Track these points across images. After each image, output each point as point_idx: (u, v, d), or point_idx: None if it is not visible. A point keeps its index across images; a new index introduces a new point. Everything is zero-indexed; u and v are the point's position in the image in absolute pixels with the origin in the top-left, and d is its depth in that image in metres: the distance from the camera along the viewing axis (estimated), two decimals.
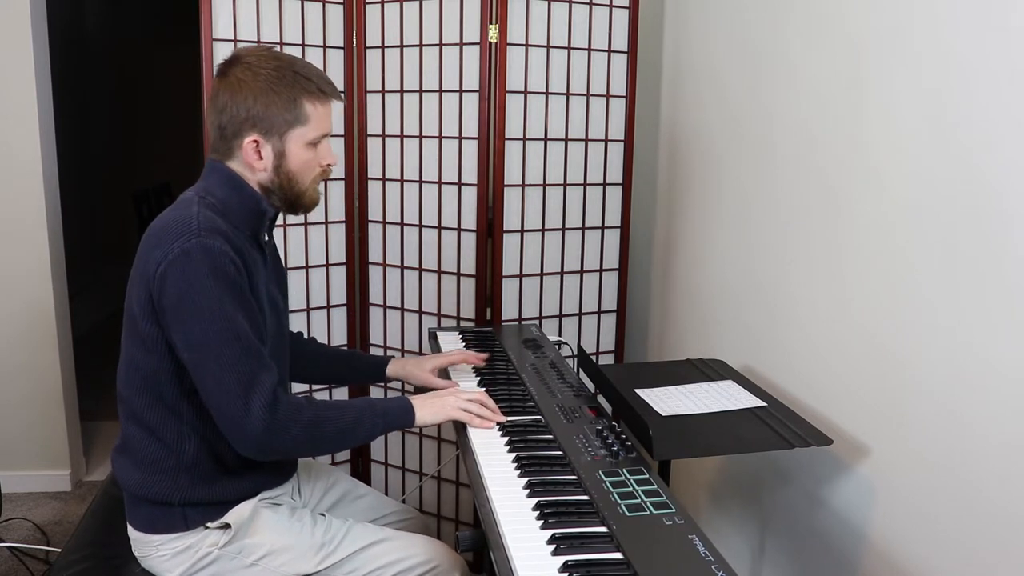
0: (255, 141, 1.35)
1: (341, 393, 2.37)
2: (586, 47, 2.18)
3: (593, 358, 2.31)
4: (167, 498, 1.35)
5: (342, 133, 2.25)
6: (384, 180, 2.28)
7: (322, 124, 1.38)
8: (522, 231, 2.21)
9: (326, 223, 2.27)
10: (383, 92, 2.23)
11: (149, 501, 1.37)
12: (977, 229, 1.18)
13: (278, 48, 2.10)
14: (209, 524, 1.38)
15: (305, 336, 1.75)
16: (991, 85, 1.15)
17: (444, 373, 1.69)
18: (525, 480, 1.22)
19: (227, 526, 1.37)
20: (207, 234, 1.25)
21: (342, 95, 1.41)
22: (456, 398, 1.43)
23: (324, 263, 2.29)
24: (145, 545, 1.39)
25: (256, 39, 2.08)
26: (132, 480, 1.37)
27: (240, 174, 1.38)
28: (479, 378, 1.67)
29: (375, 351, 2.38)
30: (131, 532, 1.41)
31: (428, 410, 1.41)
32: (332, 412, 1.33)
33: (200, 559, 1.37)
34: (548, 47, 2.13)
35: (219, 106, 1.35)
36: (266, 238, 1.45)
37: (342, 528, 1.45)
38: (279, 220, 2.17)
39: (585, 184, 2.26)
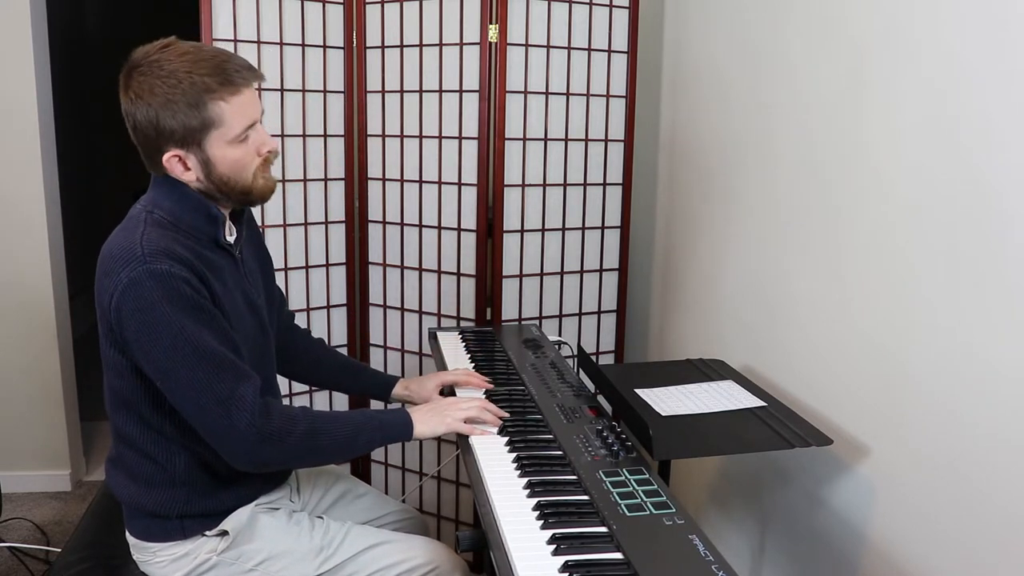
0: (176, 155, 1.25)
1: (341, 399, 2.37)
2: (586, 47, 2.18)
3: (593, 358, 2.31)
4: (164, 511, 1.34)
5: (342, 133, 2.25)
6: (384, 180, 2.28)
7: (242, 116, 1.25)
8: (522, 231, 2.21)
9: (326, 223, 2.27)
10: (383, 92, 2.23)
11: (146, 513, 1.36)
12: (977, 229, 1.18)
13: (276, 46, 2.10)
14: (207, 532, 1.37)
15: (311, 335, 1.73)
16: (991, 85, 1.15)
17: (451, 391, 1.66)
18: (525, 480, 1.22)
19: (225, 533, 1.37)
20: (153, 258, 1.18)
21: (260, 75, 1.27)
22: (454, 409, 1.41)
23: (324, 263, 2.29)
24: (143, 551, 1.39)
25: (256, 39, 2.08)
26: (127, 494, 1.36)
27: (184, 181, 1.30)
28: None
29: (375, 351, 2.38)
30: (129, 538, 1.41)
31: (427, 425, 1.39)
32: (329, 424, 1.31)
33: (198, 565, 1.37)
34: (548, 47, 2.13)
35: (130, 124, 1.26)
36: (232, 237, 1.37)
37: (341, 531, 1.45)
38: (277, 220, 2.18)
39: (585, 184, 2.26)
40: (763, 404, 1.53)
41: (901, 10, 1.34)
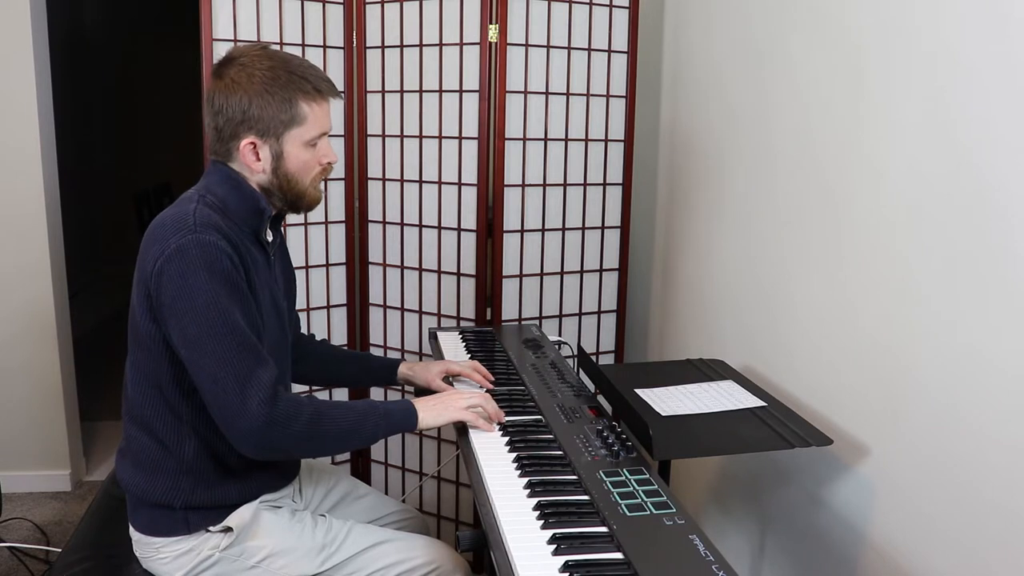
0: (252, 143, 1.34)
1: (341, 395, 2.37)
2: (586, 47, 2.18)
3: (593, 358, 2.31)
4: (168, 501, 1.35)
5: (342, 133, 2.25)
6: (384, 180, 2.28)
7: (320, 123, 1.37)
8: (522, 231, 2.21)
9: (326, 223, 2.27)
10: (383, 92, 2.23)
11: (151, 504, 1.37)
12: (977, 228, 1.18)
13: (277, 46, 2.10)
14: (211, 527, 1.37)
15: (316, 338, 1.75)
16: (992, 84, 1.15)
17: (450, 382, 1.67)
18: (525, 480, 1.22)
19: (229, 529, 1.37)
20: (203, 229, 1.25)
21: (341, 93, 1.42)
22: (459, 399, 1.42)
23: (324, 263, 2.29)
24: (147, 547, 1.39)
25: (256, 39, 2.08)
26: (133, 482, 1.37)
27: (239, 173, 1.37)
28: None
29: (375, 351, 2.38)
30: (133, 533, 1.41)
31: (431, 412, 1.39)
32: (334, 411, 1.32)
33: (201, 561, 1.37)
34: (548, 47, 2.13)
35: (215, 107, 1.34)
36: (270, 237, 1.44)
37: (343, 529, 1.45)
38: None
39: (585, 184, 2.26)
40: (763, 404, 1.53)
41: (901, 9, 1.34)
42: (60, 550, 1.66)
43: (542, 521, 1.11)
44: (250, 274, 1.32)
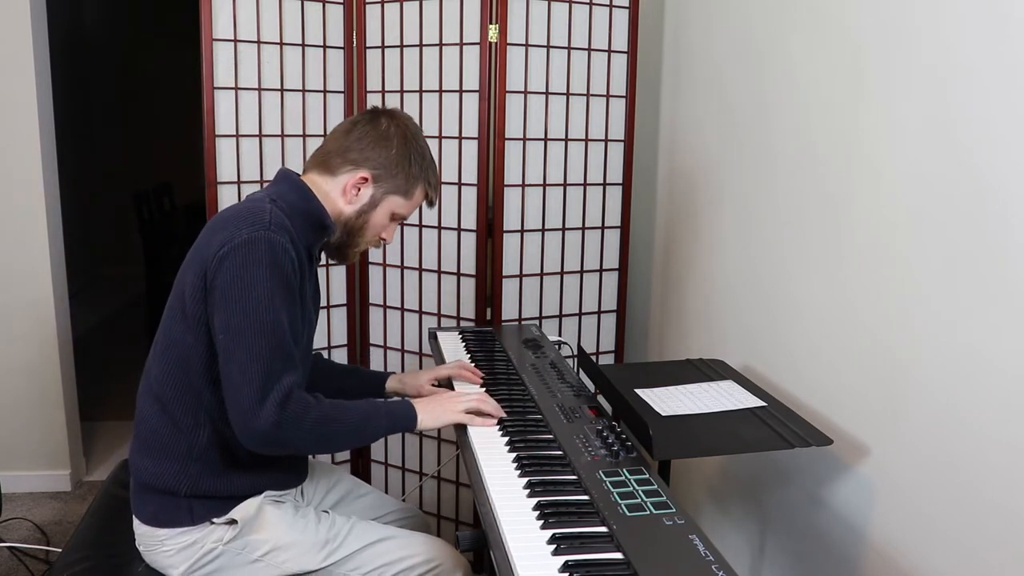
0: (365, 178, 1.44)
1: None
2: (586, 47, 2.18)
3: (593, 358, 2.31)
4: (174, 487, 1.36)
5: None
6: None
7: (410, 210, 1.50)
8: (522, 231, 2.21)
9: None
10: (383, 92, 2.23)
11: (156, 490, 1.37)
12: (977, 228, 1.18)
13: (276, 46, 2.10)
14: (215, 520, 1.38)
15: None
16: (992, 84, 1.15)
17: (449, 383, 1.67)
18: (525, 480, 1.22)
19: (233, 522, 1.38)
20: (276, 230, 1.30)
21: (434, 206, 1.60)
22: (455, 402, 1.44)
23: (324, 263, 2.29)
24: (150, 540, 1.39)
25: (256, 39, 2.08)
26: (142, 466, 1.38)
27: (310, 188, 1.43)
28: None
29: (375, 351, 2.38)
30: (136, 526, 1.42)
31: (429, 415, 1.42)
32: (339, 411, 1.34)
33: (205, 555, 1.38)
34: (548, 47, 2.13)
35: (357, 135, 1.44)
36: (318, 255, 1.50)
37: (346, 525, 1.46)
38: None
39: (585, 184, 2.26)
40: (763, 404, 1.53)
41: (901, 10, 1.34)
42: (60, 550, 1.66)
43: (542, 521, 1.11)
44: (304, 283, 1.37)
